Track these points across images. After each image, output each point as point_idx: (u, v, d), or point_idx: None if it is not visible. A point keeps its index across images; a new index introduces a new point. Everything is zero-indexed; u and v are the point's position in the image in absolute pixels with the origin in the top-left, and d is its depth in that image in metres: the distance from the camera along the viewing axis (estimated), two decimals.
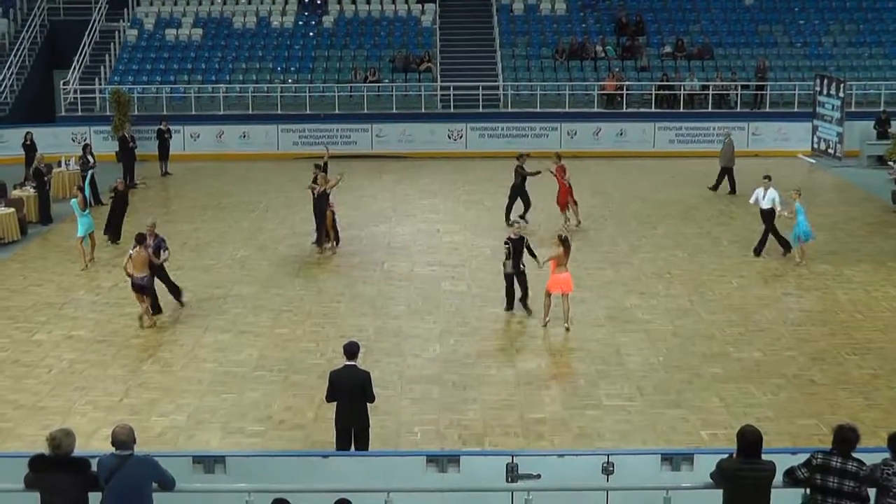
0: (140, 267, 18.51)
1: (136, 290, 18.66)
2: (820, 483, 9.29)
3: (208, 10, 41.94)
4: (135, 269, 18.49)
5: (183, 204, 29.16)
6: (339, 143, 35.95)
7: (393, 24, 41.23)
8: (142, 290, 18.59)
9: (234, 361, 17.16)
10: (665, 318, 19.07)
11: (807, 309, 19.66)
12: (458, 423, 14.72)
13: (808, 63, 38.56)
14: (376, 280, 21.66)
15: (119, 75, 38.41)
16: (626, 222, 26.33)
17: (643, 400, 15.51)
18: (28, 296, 20.66)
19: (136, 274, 18.49)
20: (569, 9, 41.60)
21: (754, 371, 16.56)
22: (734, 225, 25.95)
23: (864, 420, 14.28)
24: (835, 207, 27.86)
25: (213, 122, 36.39)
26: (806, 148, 35.50)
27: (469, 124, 36.26)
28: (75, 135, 34.98)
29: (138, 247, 18.59)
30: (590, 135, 35.84)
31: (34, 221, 26.32)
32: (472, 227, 25.79)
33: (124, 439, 9.33)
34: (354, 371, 12.68)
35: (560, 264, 18.32)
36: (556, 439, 14.22)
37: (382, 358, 17.11)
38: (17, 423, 14.83)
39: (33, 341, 18.13)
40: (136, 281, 18.53)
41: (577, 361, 17.17)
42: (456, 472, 10.92)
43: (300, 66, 38.99)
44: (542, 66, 38.91)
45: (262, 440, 14.24)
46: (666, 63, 38.86)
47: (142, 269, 18.52)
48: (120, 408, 15.24)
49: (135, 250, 18.58)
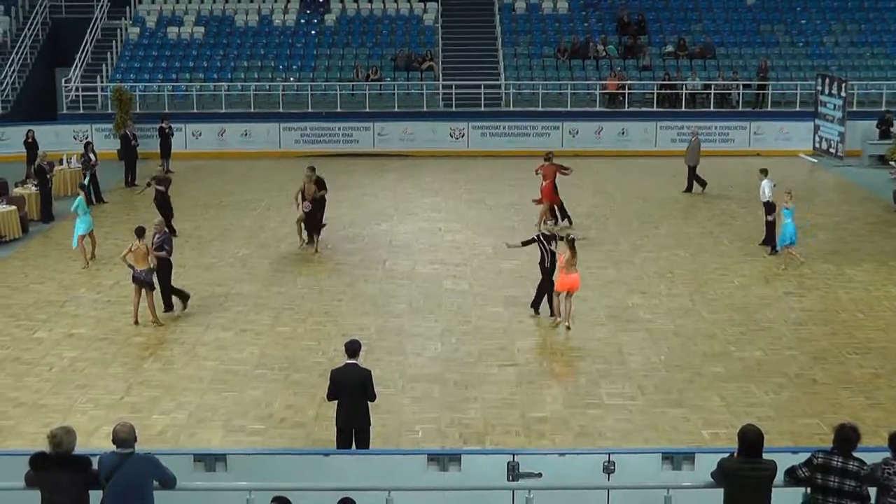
0: (140, 261, 18.57)
1: (136, 283, 18.68)
2: (821, 482, 9.28)
3: (210, 7, 41.92)
4: (136, 263, 18.57)
5: (184, 202, 29.09)
6: (340, 141, 36.02)
7: (395, 22, 41.23)
8: (141, 283, 18.61)
9: (235, 359, 17.16)
10: (666, 318, 19.06)
11: (808, 308, 19.65)
12: (459, 422, 14.72)
13: (809, 62, 38.54)
14: (378, 278, 21.66)
15: (121, 73, 38.41)
16: (628, 221, 26.32)
17: (644, 399, 15.50)
18: (29, 294, 20.67)
19: (137, 267, 18.56)
20: (571, 8, 41.59)
21: (756, 370, 16.56)
22: (736, 224, 25.93)
23: (866, 419, 14.28)
24: (836, 207, 27.85)
25: (214, 121, 36.39)
26: (807, 147, 35.48)
27: (471, 123, 36.24)
28: (77, 133, 34.97)
29: (138, 240, 18.69)
30: (591, 134, 35.81)
31: (35, 219, 26.33)
32: (474, 225, 25.78)
33: (125, 437, 9.33)
34: (356, 369, 12.67)
35: (570, 265, 18.27)
36: (558, 438, 14.21)
37: (384, 356, 17.11)
38: (17, 420, 14.83)
39: (34, 339, 18.13)
40: (136, 274, 18.59)
41: (578, 360, 17.17)
42: (457, 471, 10.91)
43: (302, 65, 38.99)
44: (544, 65, 38.90)
45: (263, 438, 14.25)
46: (668, 62, 38.85)
47: (142, 262, 18.57)
48: (121, 406, 15.24)
49: (135, 244, 18.70)
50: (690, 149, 29.84)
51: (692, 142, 29.95)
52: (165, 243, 19.22)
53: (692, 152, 29.71)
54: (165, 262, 19.20)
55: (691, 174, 29.71)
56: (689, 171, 29.72)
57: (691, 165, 29.66)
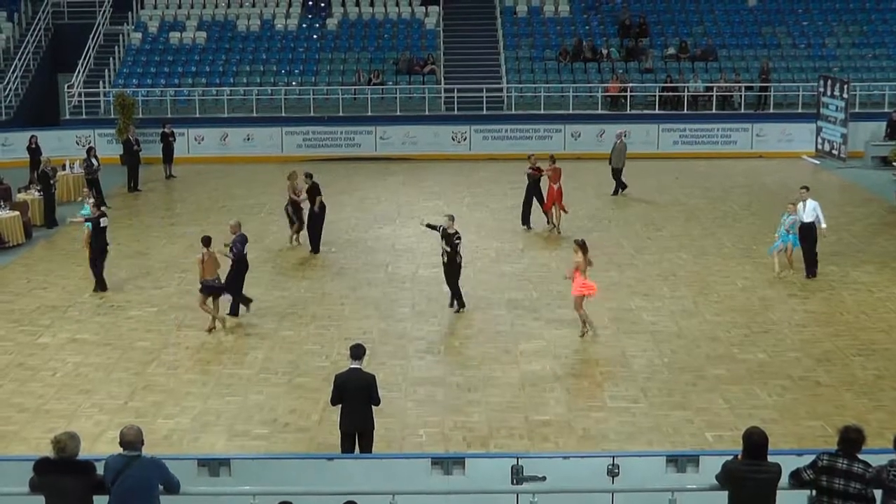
0: (212, 270, 18.35)
1: (205, 292, 18.42)
2: (826, 484, 9.28)
3: (212, 13, 41.98)
4: (206, 273, 18.31)
5: (187, 207, 29.18)
6: (342, 145, 36.05)
7: (397, 26, 41.25)
8: (211, 290, 18.41)
9: (238, 364, 17.17)
10: (670, 320, 19.05)
11: (812, 310, 19.63)
12: (462, 426, 14.71)
13: (811, 64, 38.54)
14: (381, 282, 21.66)
15: (123, 78, 38.46)
16: (631, 224, 26.32)
17: (648, 401, 15.49)
18: (33, 299, 20.68)
19: (207, 277, 18.33)
20: (572, 11, 41.61)
21: (759, 372, 16.54)
22: (739, 227, 25.91)
23: (870, 421, 14.26)
24: (839, 209, 27.82)
25: (217, 125, 36.43)
26: (810, 149, 35.49)
27: (473, 126, 36.28)
28: (80, 138, 35.04)
29: (206, 249, 18.39)
30: (593, 136, 35.82)
31: (39, 225, 26.34)
32: (476, 229, 25.76)
33: (131, 440, 9.33)
34: (359, 374, 12.67)
35: (582, 271, 18.09)
36: (561, 441, 14.21)
37: (387, 360, 17.11)
38: (21, 426, 14.84)
39: (38, 344, 18.14)
40: (207, 283, 18.34)
41: (581, 363, 17.16)
42: (461, 475, 10.91)
43: (304, 69, 39.02)
44: (546, 69, 38.91)
45: (266, 443, 14.25)
46: (670, 65, 38.86)
47: (211, 271, 18.36)
48: (125, 410, 15.25)
49: (204, 253, 18.37)
50: (616, 151, 29.66)
51: (617, 144, 29.76)
52: (237, 243, 19.05)
53: (618, 154, 29.54)
54: (236, 264, 19.08)
55: (617, 176, 29.57)
56: (614, 172, 29.57)
57: (617, 168, 29.53)
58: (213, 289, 18.50)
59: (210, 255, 18.41)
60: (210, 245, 18.51)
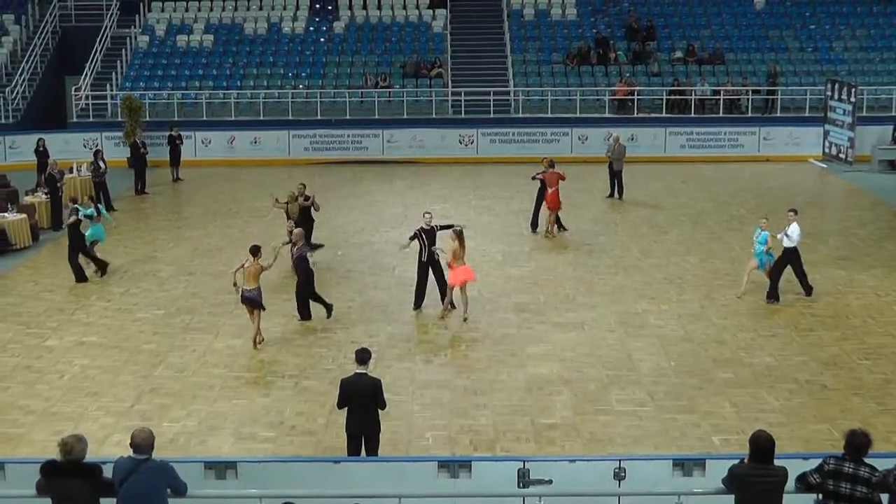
0: (251, 279, 17.72)
1: (245, 303, 17.94)
2: (832, 488, 9.27)
3: (219, 16, 42.06)
4: (245, 282, 17.75)
5: (194, 210, 29.22)
6: (350, 148, 36.08)
7: (404, 29, 41.29)
8: (251, 303, 17.83)
9: (245, 367, 17.18)
10: (676, 324, 19.03)
11: (818, 314, 19.59)
12: (469, 429, 14.71)
13: (819, 68, 38.50)
14: (387, 285, 21.67)
15: (130, 81, 38.55)
16: (637, 227, 26.30)
17: (655, 405, 15.47)
18: (40, 302, 20.72)
19: (245, 287, 17.76)
20: (579, 14, 41.62)
21: (766, 376, 16.52)
22: (745, 230, 25.81)
23: (877, 425, 14.24)
24: (846, 212, 27.80)
25: (224, 129, 36.49)
26: (817, 153, 35.44)
27: (480, 130, 36.29)
28: (87, 141, 35.16)
29: (252, 258, 17.77)
30: (601, 140, 35.75)
31: (46, 227, 26.39)
32: (483, 232, 25.76)
33: (140, 443, 9.36)
34: (365, 378, 12.65)
35: (457, 258, 18.71)
36: (568, 445, 14.19)
37: (393, 363, 17.11)
38: (28, 428, 14.86)
39: (45, 347, 18.17)
40: (245, 294, 17.77)
41: (588, 367, 17.14)
42: (467, 478, 10.91)
43: (311, 72, 39.07)
44: (553, 72, 38.93)
45: (273, 446, 14.25)
46: (677, 68, 38.86)
47: (252, 281, 17.73)
48: (131, 413, 15.26)
49: (248, 261, 17.79)
50: (616, 153, 29.44)
51: (615, 146, 29.58)
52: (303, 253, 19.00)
53: (619, 157, 29.43)
54: (306, 273, 19.02)
55: (619, 178, 29.51)
56: (615, 175, 29.49)
57: (619, 170, 29.49)
58: (253, 301, 17.87)
59: (255, 265, 17.79)
60: (258, 255, 17.89)
